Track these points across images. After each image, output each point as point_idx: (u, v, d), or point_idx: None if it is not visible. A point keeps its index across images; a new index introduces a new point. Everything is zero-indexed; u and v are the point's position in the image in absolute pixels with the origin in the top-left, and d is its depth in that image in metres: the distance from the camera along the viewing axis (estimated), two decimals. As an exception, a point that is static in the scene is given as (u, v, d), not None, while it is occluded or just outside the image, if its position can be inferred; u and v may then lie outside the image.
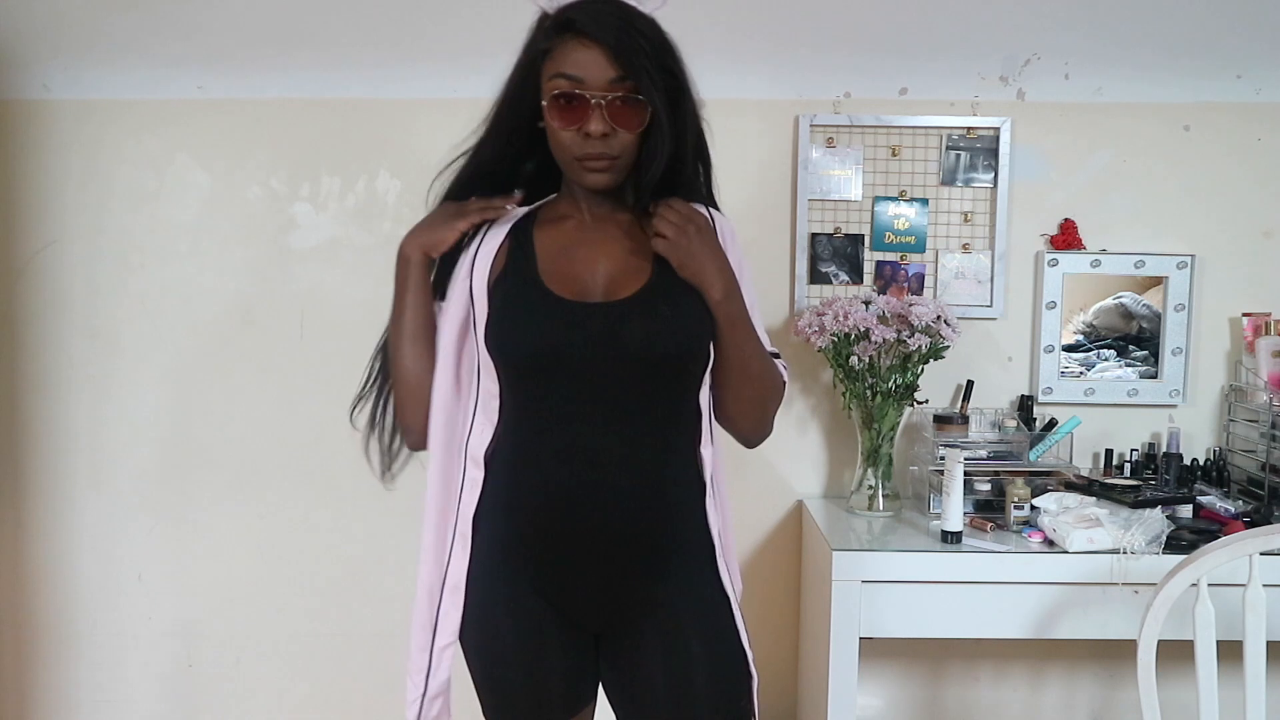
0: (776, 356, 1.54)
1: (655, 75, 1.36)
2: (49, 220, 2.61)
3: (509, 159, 1.49)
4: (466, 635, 1.49)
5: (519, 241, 1.47)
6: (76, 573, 2.70)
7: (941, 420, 2.44)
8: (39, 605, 2.70)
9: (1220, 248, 2.59)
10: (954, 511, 2.17)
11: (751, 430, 1.52)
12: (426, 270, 1.46)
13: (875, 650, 2.63)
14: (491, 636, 1.47)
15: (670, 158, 1.41)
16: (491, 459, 1.47)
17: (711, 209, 1.51)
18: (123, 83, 2.56)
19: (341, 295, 2.63)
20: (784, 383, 1.55)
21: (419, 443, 1.54)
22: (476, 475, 1.47)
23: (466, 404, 1.48)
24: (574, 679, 1.50)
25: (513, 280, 1.43)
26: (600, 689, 1.55)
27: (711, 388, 1.48)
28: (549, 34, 1.39)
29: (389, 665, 2.67)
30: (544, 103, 1.39)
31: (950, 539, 2.17)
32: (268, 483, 2.66)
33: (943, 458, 2.30)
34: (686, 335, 1.40)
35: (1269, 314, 2.54)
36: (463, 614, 1.48)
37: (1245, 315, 2.56)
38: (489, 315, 1.42)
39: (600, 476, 1.40)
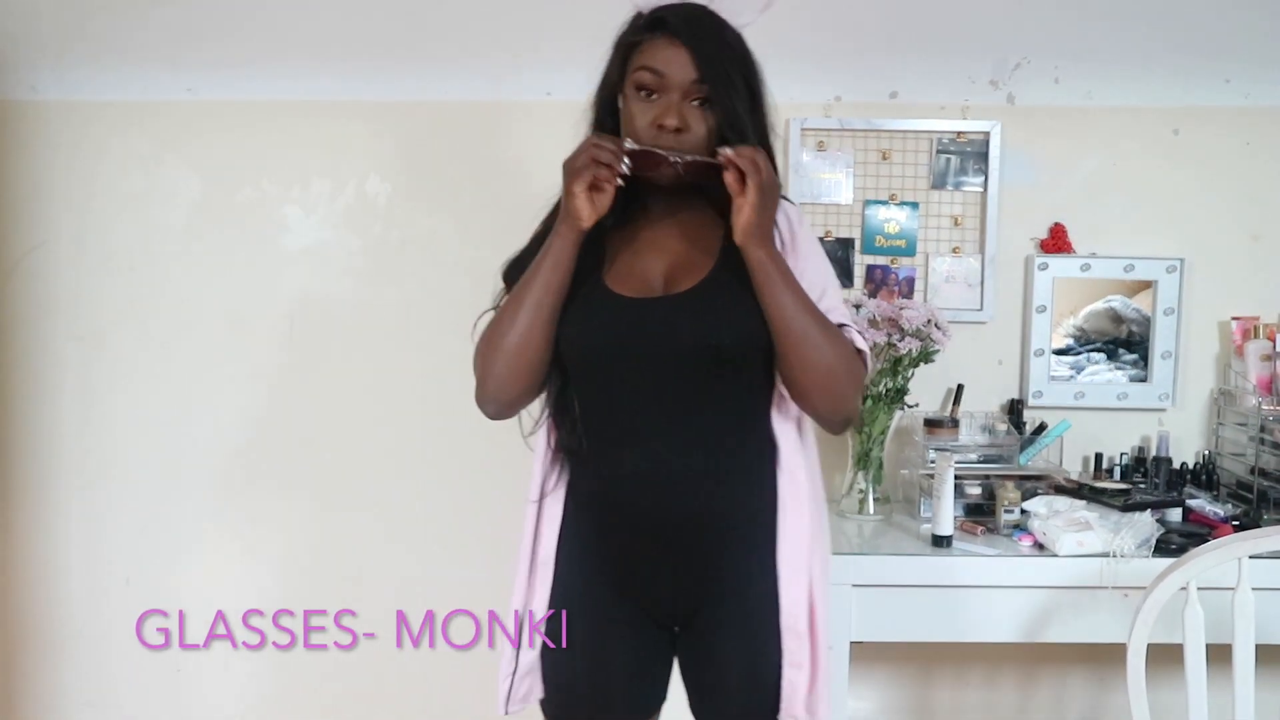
0: (843, 327, 1.49)
1: (733, 84, 1.43)
2: (36, 222, 2.60)
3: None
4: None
5: (591, 244, 1.48)
6: (64, 576, 2.68)
7: (932, 424, 2.44)
8: (26, 609, 2.69)
9: (1209, 251, 2.60)
10: (944, 515, 2.17)
11: (823, 405, 1.45)
12: (578, 243, 1.44)
13: (866, 654, 2.62)
14: (561, 613, 1.53)
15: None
16: (574, 450, 1.52)
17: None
18: (111, 84, 2.55)
19: (331, 298, 2.62)
20: (858, 353, 1.48)
21: (500, 412, 1.53)
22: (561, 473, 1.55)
23: None
24: (641, 682, 1.54)
25: (579, 281, 1.47)
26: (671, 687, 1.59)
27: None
28: (640, 29, 1.46)
29: (380, 670, 2.66)
30: (626, 94, 1.46)
31: (941, 543, 2.17)
32: (257, 486, 2.65)
33: (933, 461, 2.30)
34: (744, 326, 1.42)
35: (1258, 318, 2.54)
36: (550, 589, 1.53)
37: (1234, 319, 2.57)
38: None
39: (663, 465, 1.44)
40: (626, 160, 1.40)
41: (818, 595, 1.49)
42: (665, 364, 1.43)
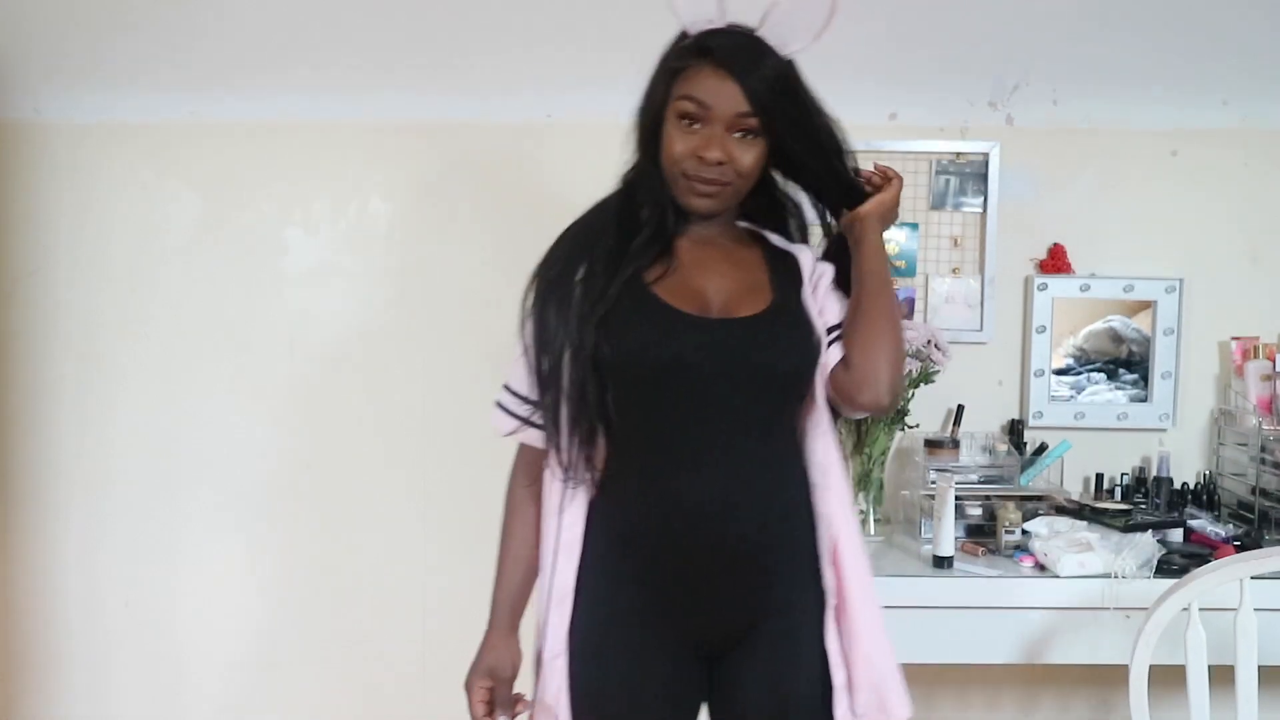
0: None
1: (782, 117, 1.42)
2: (38, 243, 2.61)
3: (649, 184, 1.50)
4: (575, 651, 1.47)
5: (624, 242, 1.48)
6: (63, 597, 2.67)
7: (932, 444, 2.44)
8: (24, 629, 2.68)
9: (1208, 272, 2.61)
10: (945, 536, 2.16)
11: (890, 382, 1.45)
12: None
13: (867, 675, 2.62)
14: (592, 656, 1.45)
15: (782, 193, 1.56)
16: (602, 473, 1.45)
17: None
18: (114, 105, 2.56)
19: (332, 319, 2.62)
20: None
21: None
22: (582, 487, 1.46)
23: None
24: (673, 707, 1.48)
25: (624, 296, 1.42)
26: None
27: (848, 347, 1.47)
28: (685, 54, 1.42)
29: (383, 689, 2.65)
30: (667, 116, 1.43)
31: (942, 564, 2.16)
32: (256, 506, 2.65)
33: (934, 482, 2.29)
34: (811, 354, 1.45)
35: (1257, 338, 2.55)
36: (570, 625, 1.46)
37: (1234, 339, 2.57)
38: (602, 329, 1.40)
39: (715, 488, 1.41)
40: None
41: (866, 615, 1.48)
42: (733, 386, 1.40)
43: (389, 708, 2.67)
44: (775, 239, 1.57)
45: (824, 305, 1.51)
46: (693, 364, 1.39)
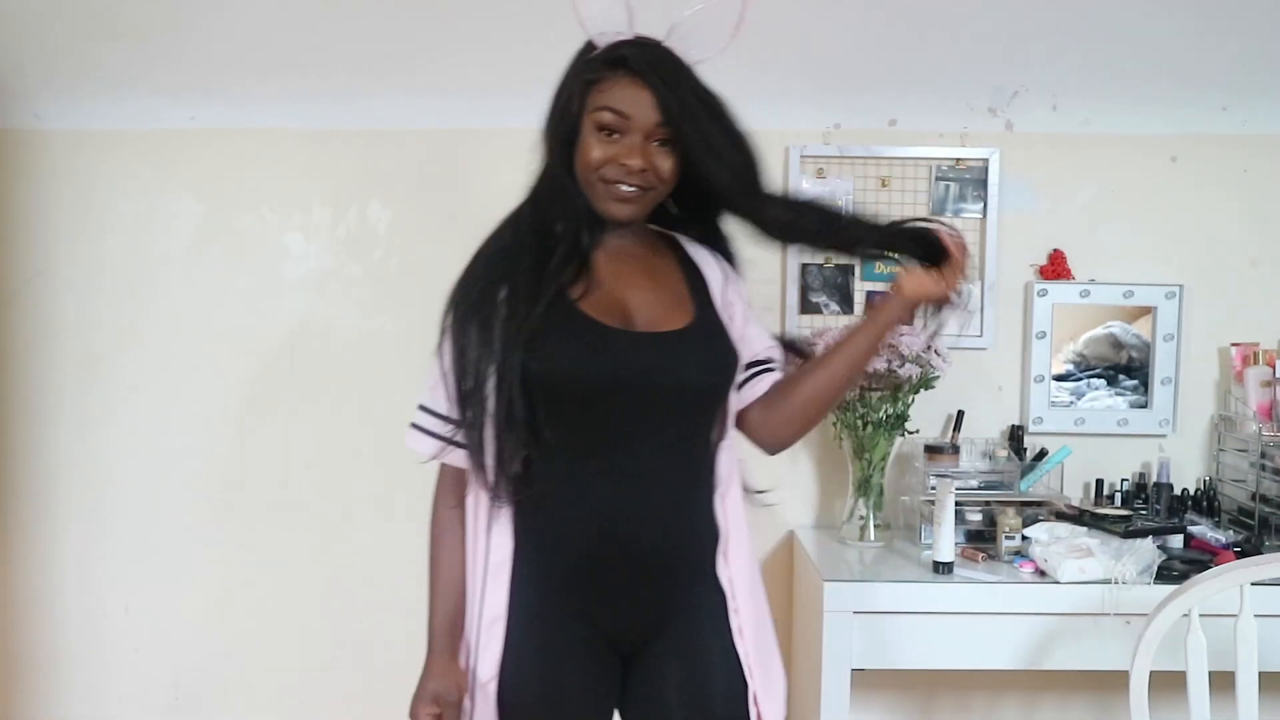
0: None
1: (700, 123, 1.42)
2: (39, 249, 2.61)
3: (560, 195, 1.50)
4: (513, 669, 1.47)
5: (546, 256, 1.49)
6: (63, 603, 2.67)
7: (932, 450, 2.44)
8: (24, 632, 2.68)
9: (1208, 278, 2.61)
10: (945, 542, 2.16)
11: (800, 436, 1.62)
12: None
13: (867, 681, 2.62)
14: (527, 677, 1.47)
15: (699, 200, 1.53)
16: (524, 489, 1.45)
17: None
18: (115, 112, 2.56)
19: (332, 324, 2.62)
20: None
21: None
22: (505, 509, 1.47)
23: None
24: (592, 705, 1.51)
25: (550, 314, 1.42)
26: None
27: (790, 394, 1.56)
28: (599, 65, 1.43)
29: (380, 698, 2.65)
30: (583, 126, 1.44)
31: (942, 569, 2.16)
32: (256, 513, 2.65)
33: (934, 488, 2.29)
34: (731, 368, 1.50)
35: (1257, 344, 2.55)
36: (503, 647, 1.47)
37: (1234, 345, 2.57)
38: (529, 349, 1.41)
39: (640, 497, 1.44)
40: None
41: (761, 612, 1.55)
42: (660, 400, 1.43)
43: (391, 712, 2.66)
44: (685, 242, 1.59)
45: (745, 334, 1.57)
46: (623, 379, 1.42)
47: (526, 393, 1.40)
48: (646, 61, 1.41)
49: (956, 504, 2.20)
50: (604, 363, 1.42)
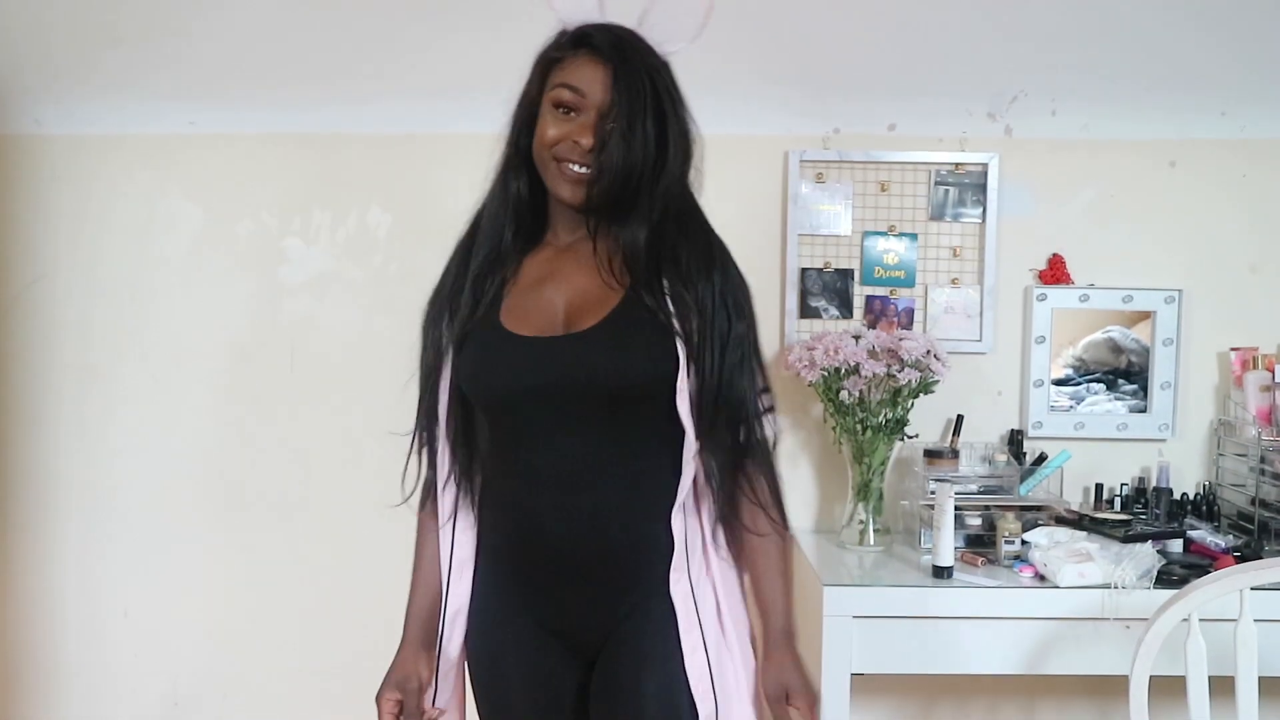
0: (771, 411, 1.50)
1: (643, 111, 1.38)
2: (38, 254, 2.61)
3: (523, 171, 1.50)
4: (471, 662, 1.55)
5: (493, 264, 1.52)
6: (62, 607, 2.67)
7: (932, 455, 2.44)
8: (24, 637, 2.68)
9: (1207, 282, 2.61)
10: (945, 546, 2.16)
11: None
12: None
13: (867, 686, 2.61)
14: (493, 660, 1.52)
15: (635, 192, 1.40)
16: (481, 490, 1.53)
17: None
18: (114, 117, 2.57)
19: (332, 329, 2.62)
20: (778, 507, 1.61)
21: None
22: (467, 505, 1.54)
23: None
24: (542, 705, 1.52)
25: (475, 322, 1.46)
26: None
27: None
28: (563, 45, 1.43)
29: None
30: (542, 105, 1.43)
31: (941, 574, 2.16)
32: (256, 517, 2.65)
33: (933, 492, 2.29)
34: (644, 366, 1.39)
35: (1256, 348, 2.55)
36: (466, 637, 1.54)
37: (1233, 350, 2.57)
38: (458, 355, 1.47)
39: (569, 500, 1.43)
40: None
41: (735, 640, 1.50)
42: (568, 403, 1.40)
43: None
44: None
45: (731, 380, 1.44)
46: (532, 388, 1.40)
47: (462, 399, 1.47)
48: (609, 42, 1.39)
49: (956, 508, 2.20)
50: (508, 374, 1.42)
